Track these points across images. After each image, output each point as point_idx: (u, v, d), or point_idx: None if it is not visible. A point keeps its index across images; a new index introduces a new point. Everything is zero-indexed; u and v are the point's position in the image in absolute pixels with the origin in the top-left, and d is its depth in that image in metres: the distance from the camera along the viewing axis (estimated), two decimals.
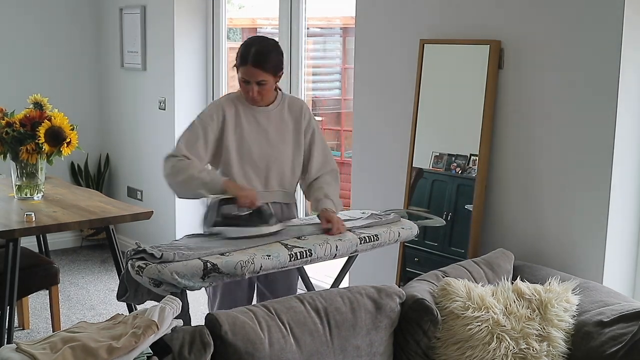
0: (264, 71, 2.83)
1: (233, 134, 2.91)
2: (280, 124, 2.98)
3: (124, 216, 3.51)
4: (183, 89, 5.07)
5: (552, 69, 2.94)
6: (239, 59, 2.87)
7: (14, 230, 3.17)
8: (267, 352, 2.21)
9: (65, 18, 5.56)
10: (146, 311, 2.12)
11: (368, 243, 2.84)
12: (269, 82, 2.87)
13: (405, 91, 3.50)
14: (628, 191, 2.89)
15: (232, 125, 2.91)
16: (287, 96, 3.05)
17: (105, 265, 5.34)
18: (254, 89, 2.86)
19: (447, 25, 3.31)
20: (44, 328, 4.19)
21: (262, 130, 2.95)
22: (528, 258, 3.03)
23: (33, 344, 1.97)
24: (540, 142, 3.01)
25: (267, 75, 2.85)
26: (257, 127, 2.94)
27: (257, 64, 2.82)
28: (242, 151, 2.92)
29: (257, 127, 2.94)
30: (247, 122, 2.93)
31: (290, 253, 2.62)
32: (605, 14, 2.76)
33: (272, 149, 2.95)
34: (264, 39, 2.98)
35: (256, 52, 2.83)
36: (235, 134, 2.91)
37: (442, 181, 3.30)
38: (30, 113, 3.62)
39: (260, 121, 2.95)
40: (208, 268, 2.44)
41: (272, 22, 4.96)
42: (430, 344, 2.53)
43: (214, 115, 2.90)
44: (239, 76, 2.88)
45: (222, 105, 2.93)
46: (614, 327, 2.42)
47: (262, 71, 2.83)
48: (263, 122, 2.95)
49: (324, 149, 3.06)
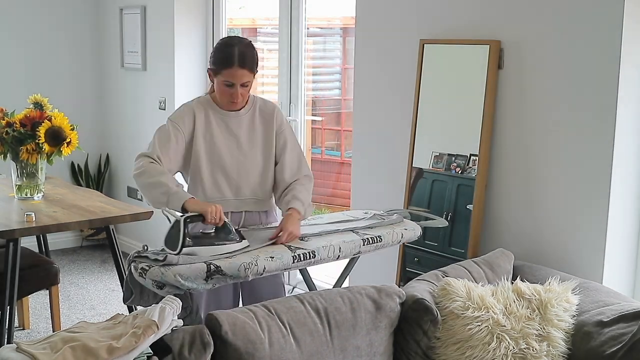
0: (248, 71, 2.75)
1: (203, 139, 2.81)
2: (251, 129, 2.88)
3: (124, 216, 3.51)
4: (183, 89, 5.07)
5: (552, 69, 2.94)
6: (219, 62, 2.74)
7: (14, 230, 3.17)
8: (267, 352, 2.21)
9: (66, 18, 5.56)
10: (146, 311, 2.12)
11: (371, 244, 2.83)
12: (251, 82, 2.79)
13: (405, 91, 3.50)
14: (628, 191, 2.89)
15: (202, 130, 2.81)
16: (259, 99, 2.94)
17: (105, 265, 5.34)
18: (237, 91, 2.75)
19: (447, 25, 3.31)
20: (44, 328, 4.19)
21: (233, 136, 2.85)
22: (528, 258, 3.03)
23: (33, 344, 1.97)
24: (540, 142, 3.01)
25: (250, 75, 2.76)
26: (228, 132, 2.84)
27: (243, 64, 2.72)
28: (212, 157, 2.82)
29: (228, 133, 2.84)
30: (218, 128, 2.83)
31: (293, 254, 2.61)
32: (605, 14, 2.76)
33: (243, 155, 2.86)
34: (239, 38, 2.88)
35: (239, 52, 2.73)
36: (205, 140, 2.81)
37: (442, 181, 3.30)
38: (30, 113, 3.62)
39: (231, 127, 2.85)
40: (211, 270, 2.44)
41: (272, 22, 4.96)
42: (430, 344, 2.53)
43: (185, 119, 2.80)
44: (219, 80, 2.76)
45: (193, 109, 2.82)
46: (614, 327, 2.42)
47: (248, 72, 2.75)
48: (234, 127, 2.85)
49: (298, 155, 2.94)
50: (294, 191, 2.84)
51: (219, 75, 2.75)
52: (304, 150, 4.60)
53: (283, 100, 4.53)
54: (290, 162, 2.91)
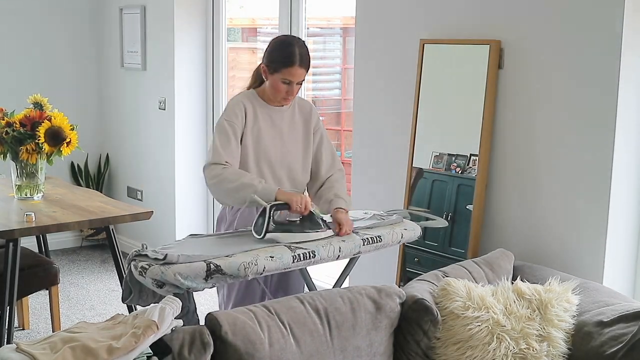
0: (306, 70, 2.88)
1: (251, 132, 2.91)
2: (292, 125, 3.00)
3: (124, 216, 3.50)
4: (183, 89, 5.07)
5: (552, 69, 2.94)
6: (280, 61, 2.84)
7: (14, 230, 3.17)
8: (267, 352, 2.21)
9: (65, 18, 5.56)
10: (146, 311, 2.12)
11: (371, 244, 2.84)
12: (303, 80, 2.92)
13: (405, 91, 3.50)
14: (628, 191, 2.89)
15: (251, 124, 2.92)
16: (297, 97, 3.05)
17: (105, 265, 5.34)
18: (294, 89, 2.88)
19: (447, 25, 3.31)
20: (44, 328, 4.19)
21: (277, 129, 2.97)
22: (528, 258, 3.03)
23: (33, 344, 1.97)
24: (540, 142, 3.01)
25: (305, 74, 2.89)
26: (273, 126, 2.96)
27: (303, 64, 2.84)
28: (258, 150, 2.93)
29: (273, 127, 2.96)
30: (264, 121, 2.94)
31: (293, 254, 2.61)
32: (606, 14, 2.76)
33: (286, 148, 2.98)
34: (296, 37, 3.00)
35: (300, 52, 2.84)
36: (253, 133, 2.92)
37: (442, 181, 3.30)
38: (30, 113, 3.62)
39: (275, 120, 2.97)
40: (211, 269, 2.44)
41: (272, 22, 4.95)
42: (430, 344, 2.53)
43: (238, 114, 2.90)
44: (276, 77, 2.85)
45: (243, 103, 2.93)
46: (614, 327, 2.42)
47: (305, 70, 2.87)
48: (278, 121, 2.97)
49: (331, 151, 3.09)
50: (334, 189, 2.98)
51: (277, 73, 2.85)
52: None
53: None
54: (326, 157, 3.05)
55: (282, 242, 2.66)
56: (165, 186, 5.24)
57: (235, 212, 2.96)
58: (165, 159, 5.21)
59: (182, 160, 5.15)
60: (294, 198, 2.73)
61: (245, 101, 2.93)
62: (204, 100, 5.17)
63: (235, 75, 5.36)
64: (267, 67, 2.88)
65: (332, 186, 2.99)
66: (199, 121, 5.17)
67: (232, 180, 2.77)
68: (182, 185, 5.17)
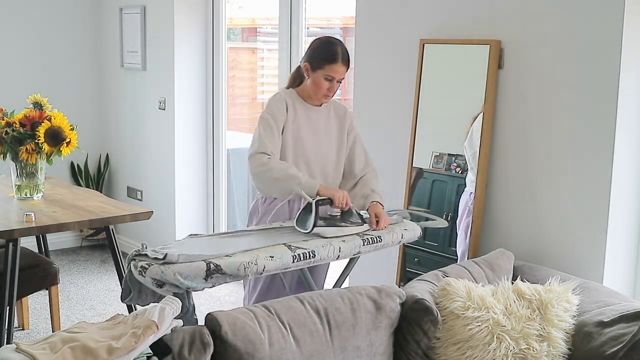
0: (347, 69, 2.99)
1: (290, 128, 3.01)
2: (328, 124, 3.10)
3: (124, 216, 3.50)
4: (183, 89, 5.07)
5: (552, 69, 2.94)
6: (323, 58, 2.95)
7: (13, 230, 3.17)
8: (267, 352, 2.21)
9: (65, 18, 5.56)
10: (146, 311, 2.12)
11: (371, 245, 2.84)
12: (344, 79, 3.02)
13: (405, 91, 3.50)
14: (628, 191, 2.89)
15: (291, 120, 3.01)
16: (332, 100, 3.14)
17: (105, 265, 5.34)
18: (334, 86, 2.98)
19: (447, 25, 3.31)
20: (44, 328, 4.19)
21: (315, 127, 3.06)
22: (528, 258, 3.03)
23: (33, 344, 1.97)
24: (540, 142, 3.01)
25: (345, 73, 3.00)
26: (310, 124, 3.05)
27: (345, 62, 2.96)
28: (297, 145, 3.02)
29: (310, 124, 3.05)
30: (302, 118, 3.04)
31: (293, 254, 2.61)
32: (606, 14, 2.76)
33: (321, 146, 3.07)
34: (336, 38, 3.09)
35: (343, 51, 2.96)
36: (292, 129, 3.01)
37: (442, 181, 3.30)
38: (30, 113, 3.62)
39: (313, 119, 3.06)
40: (211, 269, 2.44)
41: (272, 22, 4.95)
42: (430, 344, 2.53)
43: (281, 108, 3.00)
44: (319, 74, 2.95)
45: (284, 97, 3.03)
46: (615, 327, 2.42)
47: (347, 69, 2.98)
48: (315, 120, 3.07)
49: (364, 151, 3.19)
50: (370, 185, 3.09)
51: (320, 70, 2.96)
52: None
53: None
54: (359, 157, 3.16)
55: (327, 235, 2.76)
56: (165, 186, 5.24)
57: (268, 205, 3.03)
58: (165, 159, 5.21)
59: (182, 160, 5.15)
60: (336, 194, 2.85)
61: (287, 98, 3.04)
62: (204, 100, 5.16)
63: (235, 75, 5.36)
64: (310, 65, 2.99)
65: (366, 183, 3.10)
66: (199, 121, 5.17)
67: (278, 170, 2.88)
68: (182, 185, 5.17)
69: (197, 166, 5.21)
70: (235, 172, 5.27)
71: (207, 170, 5.24)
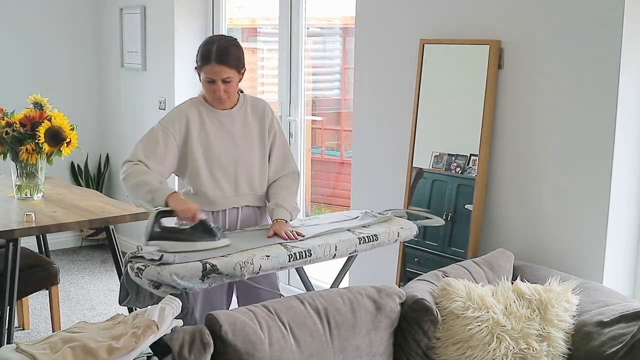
0: (228, 67, 2.79)
1: (198, 139, 2.85)
2: (245, 127, 2.93)
3: (124, 216, 3.51)
4: (183, 89, 5.07)
5: (552, 69, 2.94)
6: (200, 59, 2.82)
7: (14, 230, 3.17)
8: (267, 352, 2.21)
9: (65, 18, 5.56)
10: (146, 311, 2.12)
11: (367, 243, 2.84)
12: (234, 79, 2.82)
13: (405, 91, 3.50)
14: (628, 191, 2.89)
15: (197, 130, 2.85)
16: (249, 97, 3.00)
17: (105, 265, 5.34)
18: (219, 87, 2.80)
19: (447, 25, 3.31)
20: (44, 328, 4.19)
21: (228, 133, 2.89)
22: (528, 258, 3.03)
23: (33, 344, 1.97)
24: (540, 142, 3.01)
25: (231, 71, 2.80)
26: (223, 130, 2.89)
27: (220, 60, 2.77)
28: (209, 156, 2.86)
29: (223, 131, 2.89)
30: (212, 126, 2.87)
31: (289, 253, 2.62)
32: (605, 14, 2.75)
33: (240, 152, 2.90)
34: (223, 36, 2.98)
35: (218, 48, 2.79)
36: (200, 139, 2.85)
37: (442, 181, 3.30)
38: (30, 113, 3.62)
39: (225, 124, 2.89)
40: (207, 269, 2.44)
41: (272, 22, 4.95)
42: (430, 344, 2.53)
43: (176, 122, 2.84)
44: (202, 77, 2.83)
45: (185, 111, 2.87)
46: (614, 327, 2.42)
47: (226, 67, 2.78)
48: (228, 125, 2.90)
49: (284, 151, 3.01)
50: (277, 197, 2.90)
51: (202, 72, 2.83)
52: (304, 150, 4.61)
53: (283, 100, 4.53)
54: (275, 158, 2.98)
55: (167, 249, 2.53)
56: None
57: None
58: None
59: None
60: (180, 206, 2.63)
61: (189, 109, 2.87)
62: None
63: None
64: (195, 69, 2.87)
65: (276, 193, 2.92)
66: None
67: (135, 177, 2.71)
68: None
69: None
70: None
71: None
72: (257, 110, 2.97)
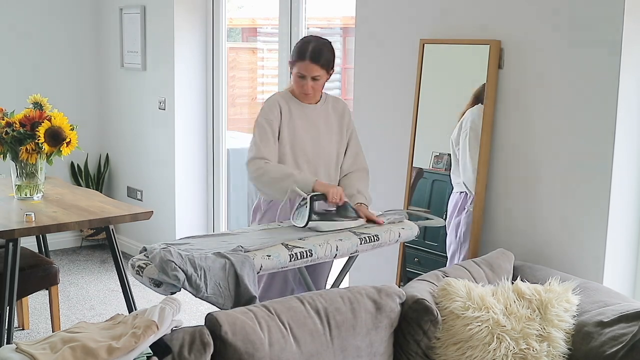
0: (319, 67, 2.99)
1: (287, 128, 3.05)
2: (327, 122, 3.13)
3: (124, 216, 3.50)
4: (183, 89, 5.07)
5: (552, 68, 2.94)
6: (295, 55, 3.02)
7: (14, 230, 3.17)
8: (267, 352, 2.21)
9: (65, 18, 5.56)
10: (146, 311, 2.12)
11: (368, 243, 2.85)
12: (322, 77, 3.03)
13: (405, 91, 3.50)
14: (628, 191, 2.89)
15: (287, 121, 3.05)
16: (330, 97, 3.19)
17: (105, 265, 5.34)
18: (308, 83, 3.01)
19: (447, 25, 3.31)
20: (44, 328, 4.19)
21: (313, 126, 3.09)
22: (528, 258, 3.03)
23: (33, 344, 1.97)
24: (541, 142, 3.01)
25: (321, 70, 3.01)
26: (309, 123, 3.09)
27: (314, 59, 2.98)
28: (295, 145, 3.05)
29: (309, 123, 3.09)
30: (300, 118, 3.07)
31: (290, 253, 2.62)
32: (605, 14, 2.76)
33: (322, 144, 3.10)
34: (320, 37, 3.12)
35: (313, 48, 2.99)
36: (289, 130, 3.05)
37: (442, 181, 3.30)
38: (30, 113, 3.62)
39: (311, 117, 3.10)
40: None
41: (272, 22, 4.95)
42: (430, 344, 2.53)
43: (275, 111, 3.05)
44: (294, 71, 3.04)
45: (278, 102, 3.08)
46: (614, 327, 2.42)
47: (318, 66, 2.99)
48: (313, 118, 3.10)
49: (356, 149, 3.20)
50: (356, 185, 3.12)
51: (294, 67, 3.04)
52: None
53: None
54: (351, 154, 3.18)
55: (323, 229, 2.82)
56: (165, 186, 5.24)
57: (269, 202, 3.08)
58: (165, 159, 5.21)
59: (182, 160, 5.15)
60: (330, 189, 2.90)
61: (280, 100, 3.08)
62: (204, 100, 5.16)
63: (235, 75, 5.36)
64: (289, 63, 3.08)
65: (352, 183, 3.12)
66: (199, 121, 5.17)
67: (275, 172, 2.96)
68: (182, 185, 5.17)
69: (197, 166, 5.21)
70: (235, 172, 5.27)
71: (207, 170, 5.25)
72: (337, 109, 3.17)
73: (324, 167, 3.11)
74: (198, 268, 2.39)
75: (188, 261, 2.38)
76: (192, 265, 2.38)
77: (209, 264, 2.41)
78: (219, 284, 2.43)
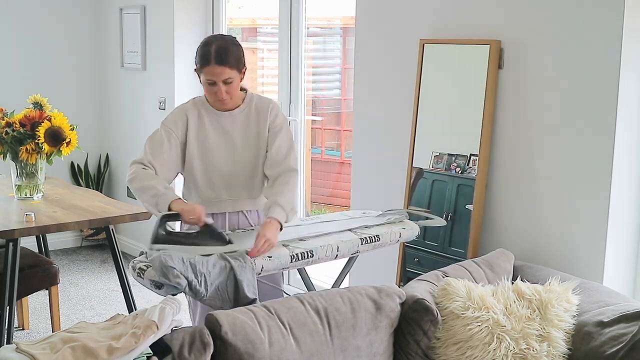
0: (229, 68, 2.69)
1: (196, 140, 2.80)
2: (246, 128, 2.84)
3: (124, 216, 3.51)
4: (183, 89, 5.07)
5: (552, 69, 2.94)
6: (199, 61, 2.73)
7: (13, 230, 3.17)
8: (267, 352, 2.21)
9: (65, 18, 5.56)
10: (146, 311, 2.12)
11: (369, 243, 2.84)
12: (235, 79, 2.73)
13: (405, 91, 3.50)
14: (628, 191, 2.89)
15: (195, 131, 2.80)
16: (255, 97, 2.89)
17: (105, 265, 5.34)
18: (221, 89, 2.71)
19: (447, 25, 3.31)
20: (44, 328, 4.19)
21: (227, 136, 2.82)
22: (528, 258, 3.03)
23: (33, 344, 1.97)
24: (540, 142, 3.01)
25: (232, 72, 2.70)
26: (222, 132, 2.82)
27: (220, 61, 2.68)
28: (205, 158, 2.81)
29: (222, 133, 2.82)
30: (211, 128, 2.81)
31: (291, 254, 2.61)
32: (605, 14, 2.76)
33: (238, 156, 2.83)
34: (222, 35, 2.91)
35: (217, 49, 2.70)
36: (199, 140, 2.80)
37: (442, 181, 3.30)
38: (30, 113, 3.62)
39: (225, 126, 2.82)
40: None
41: (272, 22, 4.96)
42: (430, 344, 2.53)
43: (178, 121, 2.79)
44: (202, 79, 2.74)
45: (186, 111, 2.82)
46: (614, 327, 2.42)
47: (227, 68, 2.69)
48: (228, 127, 2.82)
49: (287, 147, 2.85)
50: (276, 195, 2.72)
51: (201, 74, 2.74)
52: (304, 150, 4.61)
53: (283, 100, 4.53)
54: (276, 153, 2.83)
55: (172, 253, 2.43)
56: None
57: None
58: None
59: None
60: (186, 209, 2.58)
61: (190, 110, 2.82)
62: None
63: None
64: (195, 72, 2.80)
65: (277, 191, 2.74)
66: None
67: (141, 180, 2.68)
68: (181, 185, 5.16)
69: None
70: None
71: None
72: (260, 110, 2.85)
73: (242, 180, 2.83)
74: (199, 274, 2.38)
75: (189, 266, 2.38)
76: (193, 271, 2.37)
77: (209, 269, 2.41)
78: (219, 288, 2.42)
